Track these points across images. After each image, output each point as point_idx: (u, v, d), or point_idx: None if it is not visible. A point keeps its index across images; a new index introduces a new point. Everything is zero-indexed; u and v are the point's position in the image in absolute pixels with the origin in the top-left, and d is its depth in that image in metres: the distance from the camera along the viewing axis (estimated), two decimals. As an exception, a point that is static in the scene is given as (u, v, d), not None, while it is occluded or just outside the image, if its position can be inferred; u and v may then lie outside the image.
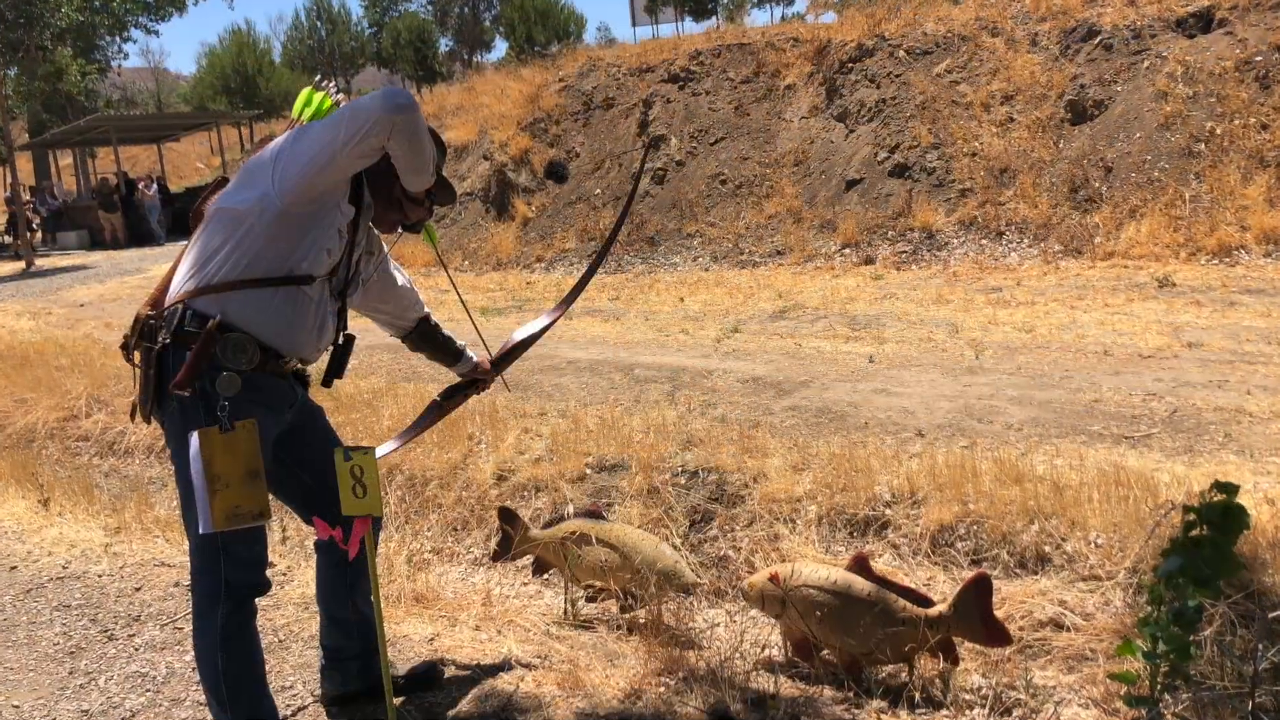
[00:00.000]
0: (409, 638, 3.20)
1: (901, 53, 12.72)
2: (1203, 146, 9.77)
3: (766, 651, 3.16)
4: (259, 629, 2.45)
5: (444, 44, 50.31)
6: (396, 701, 2.63)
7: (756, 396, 5.62)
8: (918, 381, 5.71)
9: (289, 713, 2.78)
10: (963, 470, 3.77)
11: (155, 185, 23.56)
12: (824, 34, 13.73)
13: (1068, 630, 2.99)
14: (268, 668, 2.57)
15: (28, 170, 29.35)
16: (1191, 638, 1.45)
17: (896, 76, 12.51)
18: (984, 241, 10.28)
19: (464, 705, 2.76)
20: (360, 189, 2.43)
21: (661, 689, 2.77)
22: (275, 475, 2.44)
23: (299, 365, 2.49)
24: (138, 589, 3.77)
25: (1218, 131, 9.77)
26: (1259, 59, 10.15)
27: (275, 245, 2.26)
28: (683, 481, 4.22)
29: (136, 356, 2.35)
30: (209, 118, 30.38)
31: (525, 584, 3.96)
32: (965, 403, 5.18)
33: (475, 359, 3.03)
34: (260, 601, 2.48)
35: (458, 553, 4.31)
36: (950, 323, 7.35)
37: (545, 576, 3.86)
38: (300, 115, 2.42)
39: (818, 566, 3.02)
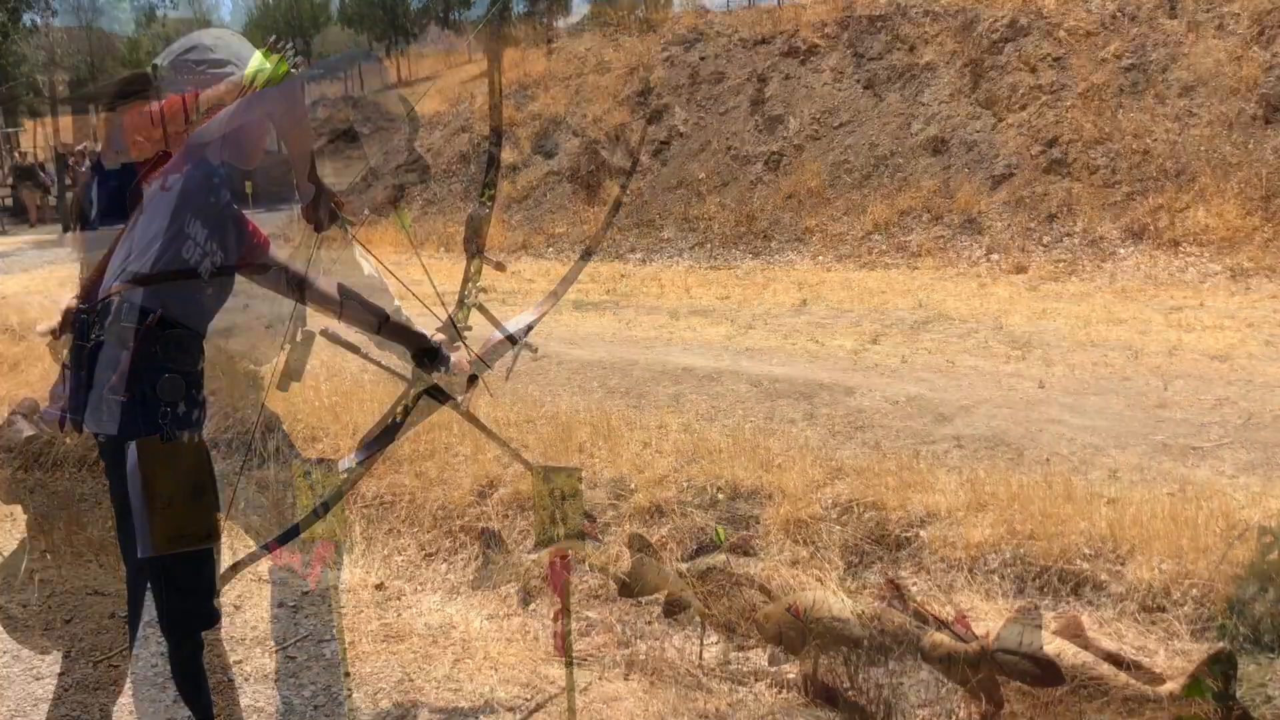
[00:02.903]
0: (376, 677, 3.17)
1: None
2: None
3: (784, 694, 3.14)
4: (206, 666, 2.41)
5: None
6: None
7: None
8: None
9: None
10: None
11: (88, 160, 23.72)
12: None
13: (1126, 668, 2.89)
14: (215, 711, 2.52)
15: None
16: (1268, 676, 1.38)
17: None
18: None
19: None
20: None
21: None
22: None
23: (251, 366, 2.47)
24: (68, 621, 3.75)
25: None
26: None
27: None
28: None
29: (66, 356, 2.32)
30: (150, 84, 30.45)
31: (508, 617, 3.87)
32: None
33: (453, 359, 2.94)
34: (208, 635, 2.45)
35: (432, 581, 4.20)
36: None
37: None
38: (253, 81, 2.37)
39: (842, 597, 3.08)
